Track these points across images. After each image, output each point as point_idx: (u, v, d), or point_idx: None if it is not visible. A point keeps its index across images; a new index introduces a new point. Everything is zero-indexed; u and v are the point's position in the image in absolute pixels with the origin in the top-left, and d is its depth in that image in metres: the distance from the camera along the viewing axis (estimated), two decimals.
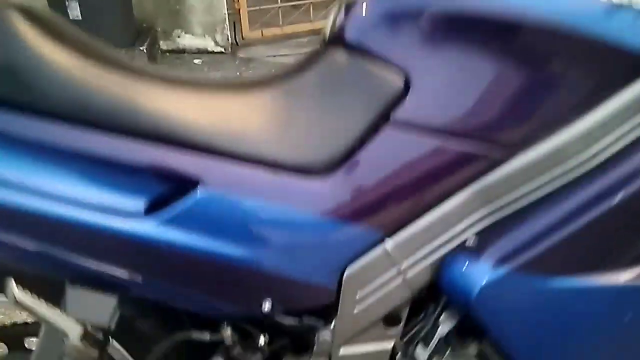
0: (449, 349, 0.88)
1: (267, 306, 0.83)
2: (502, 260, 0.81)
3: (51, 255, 0.77)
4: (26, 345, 1.01)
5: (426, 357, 0.88)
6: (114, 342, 0.90)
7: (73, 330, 0.73)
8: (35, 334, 0.88)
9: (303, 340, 0.90)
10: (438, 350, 0.88)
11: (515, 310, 0.82)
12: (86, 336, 0.74)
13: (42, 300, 0.75)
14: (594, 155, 0.81)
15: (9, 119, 0.75)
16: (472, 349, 0.88)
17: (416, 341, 0.90)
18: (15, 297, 0.72)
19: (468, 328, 0.88)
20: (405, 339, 0.91)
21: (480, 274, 0.82)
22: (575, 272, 0.82)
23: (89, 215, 0.75)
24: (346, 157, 0.82)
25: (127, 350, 0.91)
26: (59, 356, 0.79)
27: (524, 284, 0.81)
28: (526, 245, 0.81)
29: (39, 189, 0.74)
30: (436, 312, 0.89)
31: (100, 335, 0.76)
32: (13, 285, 0.73)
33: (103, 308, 0.80)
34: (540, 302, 0.82)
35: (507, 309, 0.82)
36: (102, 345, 0.76)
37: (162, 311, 0.92)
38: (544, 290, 0.81)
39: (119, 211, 0.76)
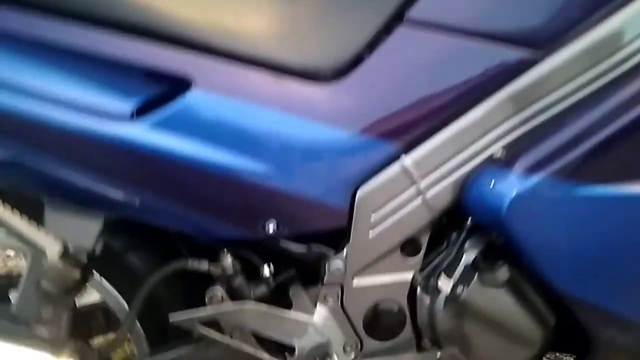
0: (475, 277, 0.79)
1: (271, 228, 0.75)
2: (533, 170, 0.72)
3: (29, 166, 0.68)
4: (11, 298, 0.93)
5: (450, 287, 0.79)
6: (97, 276, 0.82)
7: (52, 248, 0.65)
8: None
9: (312, 271, 0.82)
10: (463, 279, 0.79)
11: (548, 223, 0.72)
12: (66, 256, 0.66)
13: (19, 215, 0.67)
14: (628, 57, 0.73)
15: None
16: (502, 275, 0.79)
17: (438, 272, 0.81)
18: None
19: (495, 253, 0.79)
20: (425, 271, 0.82)
21: (509, 187, 0.73)
22: (609, 180, 0.72)
23: (71, 117, 0.67)
24: (356, 61, 0.73)
25: (115, 286, 0.83)
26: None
27: (556, 194, 0.71)
28: (558, 153, 0.72)
29: (17, 86, 0.66)
30: (460, 239, 0.80)
31: (82, 258, 0.67)
32: None
33: (85, 230, 0.72)
34: (573, 212, 0.72)
35: (540, 222, 0.72)
36: (84, 269, 0.67)
37: (153, 241, 0.85)
38: (578, 199, 0.72)
39: (104, 113, 0.67)
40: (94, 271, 0.82)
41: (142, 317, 0.85)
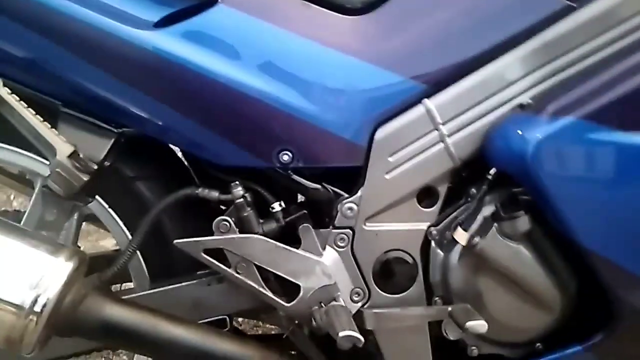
0: (493, 229, 0.75)
1: (285, 157, 0.72)
2: (561, 116, 0.68)
3: (51, 66, 0.68)
4: None
5: (465, 240, 0.75)
6: (104, 205, 0.81)
7: (62, 148, 0.64)
8: None
9: (323, 212, 0.79)
10: (480, 231, 0.75)
11: (575, 170, 0.68)
12: (76, 158, 0.64)
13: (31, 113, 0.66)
14: None
15: None
16: (522, 225, 0.74)
17: (454, 225, 0.77)
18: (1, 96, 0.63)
19: (516, 205, 0.75)
20: (441, 225, 0.78)
21: (536, 133, 0.68)
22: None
23: (99, 18, 0.66)
24: None
25: (121, 216, 0.81)
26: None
27: (585, 140, 0.67)
28: (587, 99, 0.68)
29: None
30: (480, 192, 0.76)
31: (91, 165, 0.66)
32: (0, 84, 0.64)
33: (96, 142, 0.71)
34: (601, 160, 0.68)
35: (566, 170, 0.68)
36: (91, 177, 0.66)
37: (164, 173, 0.83)
38: (606, 146, 0.68)
39: (131, 18, 0.67)
40: (102, 202, 0.82)
41: (146, 251, 0.82)
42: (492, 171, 0.75)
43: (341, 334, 0.65)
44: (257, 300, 0.79)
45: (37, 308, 0.58)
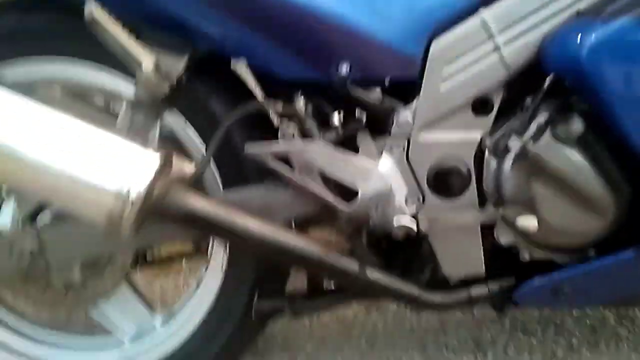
0: (547, 132, 0.76)
1: (344, 69, 0.77)
2: (620, 16, 0.68)
3: None
4: None
5: (520, 147, 0.78)
6: (181, 119, 0.88)
7: (147, 60, 0.73)
8: None
9: (380, 122, 0.83)
10: (534, 137, 0.76)
11: (632, 74, 0.68)
12: (158, 69, 0.73)
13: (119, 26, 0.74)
14: None
15: None
16: (576, 127, 0.75)
17: (509, 133, 0.79)
18: (93, 14, 0.72)
19: (571, 111, 0.77)
20: (495, 134, 0.80)
21: (593, 38, 0.69)
22: None
23: None
24: None
25: (197, 129, 0.89)
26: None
27: None
28: None
29: None
30: (535, 101, 0.78)
31: (172, 75, 0.74)
32: (92, 3, 0.73)
33: (174, 57, 0.78)
34: None
35: (623, 73, 0.68)
36: (174, 86, 0.74)
37: (233, 88, 0.90)
38: None
39: None
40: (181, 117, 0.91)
41: (218, 161, 0.90)
42: (548, 79, 0.76)
43: (397, 223, 0.70)
44: (318, 205, 0.85)
45: (132, 195, 0.68)
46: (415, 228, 0.73)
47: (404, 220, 0.73)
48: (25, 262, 0.83)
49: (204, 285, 0.99)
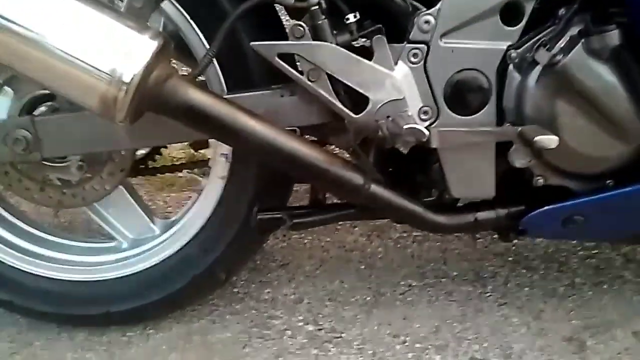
0: (580, 44, 0.70)
1: None
2: None
3: None
4: None
5: (548, 59, 0.72)
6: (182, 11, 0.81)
7: None
8: None
9: (399, 27, 0.77)
10: (565, 49, 0.71)
11: None
12: None
13: None
14: None
15: None
16: (612, 39, 0.68)
17: (537, 45, 0.73)
18: None
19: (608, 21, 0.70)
20: (523, 47, 0.75)
21: None
22: None
23: None
24: None
25: (199, 26, 0.82)
26: None
27: None
28: None
29: None
30: (570, 11, 0.71)
31: None
32: None
33: None
34: None
35: None
36: None
37: None
38: None
39: None
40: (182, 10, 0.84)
41: (223, 60, 0.84)
42: None
43: (406, 126, 0.66)
44: (326, 114, 0.81)
45: (126, 78, 0.64)
46: (426, 133, 0.69)
47: (415, 124, 0.68)
48: (19, 150, 0.81)
49: (204, 195, 0.97)
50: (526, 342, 0.96)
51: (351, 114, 0.78)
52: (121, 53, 0.64)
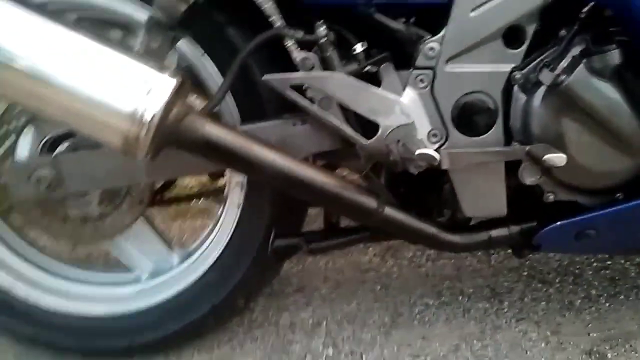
0: (582, 64, 0.72)
1: None
2: None
3: None
4: None
5: (551, 80, 0.74)
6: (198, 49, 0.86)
7: None
8: None
9: (405, 54, 0.80)
10: (568, 69, 0.73)
11: None
12: None
13: None
14: None
15: None
16: (613, 58, 0.71)
17: (540, 66, 0.76)
18: None
19: (609, 41, 0.72)
20: (526, 68, 0.77)
21: None
22: None
23: None
24: None
25: (214, 61, 0.87)
26: None
27: None
28: None
29: None
30: (571, 32, 0.74)
31: None
32: None
33: None
34: None
35: None
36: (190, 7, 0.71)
37: (253, 18, 0.87)
38: None
39: None
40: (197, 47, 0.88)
41: (237, 93, 0.87)
42: (586, 9, 0.72)
43: (417, 152, 0.68)
44: (337, 141, 0.83)
45: (148, 116, 0.66)
46: (437, 157, 0.71)
47: (425, 149, 0.70)
48: (42, 188, 0.83)
49: (221, 224, 0.99)
50: (546, 356, 0.96)
51: (362, 139, 0.80)
52: (142, 92, 0.66)
